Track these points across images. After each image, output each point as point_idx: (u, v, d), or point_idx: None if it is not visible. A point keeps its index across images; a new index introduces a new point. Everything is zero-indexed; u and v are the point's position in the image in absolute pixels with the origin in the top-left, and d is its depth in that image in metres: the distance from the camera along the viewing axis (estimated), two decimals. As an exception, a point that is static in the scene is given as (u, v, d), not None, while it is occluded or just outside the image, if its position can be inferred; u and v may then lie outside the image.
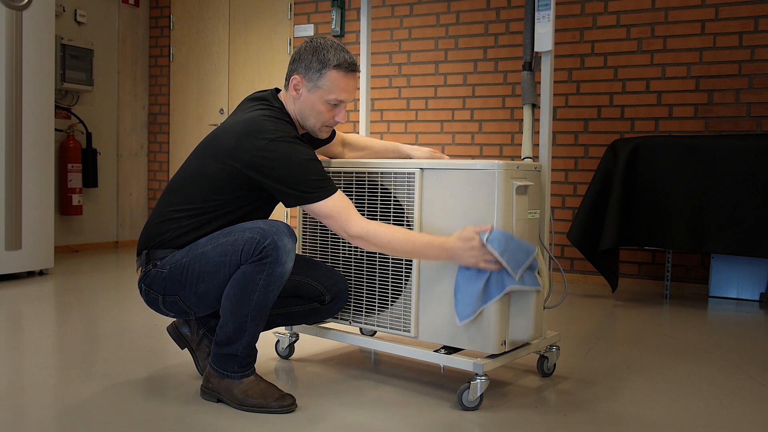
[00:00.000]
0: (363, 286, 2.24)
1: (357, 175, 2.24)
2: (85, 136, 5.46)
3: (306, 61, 2.04)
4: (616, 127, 4.33)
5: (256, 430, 1.82)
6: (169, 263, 1.99)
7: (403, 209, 2.15)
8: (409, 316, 2.13)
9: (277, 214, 5.44)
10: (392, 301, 2.18)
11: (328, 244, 2.34)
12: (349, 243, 2.25)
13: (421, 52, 4.91)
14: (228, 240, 1.92)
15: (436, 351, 2.10)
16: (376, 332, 2.73)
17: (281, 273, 1.89)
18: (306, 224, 2.41)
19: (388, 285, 2.18)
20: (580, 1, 4.41)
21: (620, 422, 1.94)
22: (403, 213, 2.14)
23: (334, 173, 2.30)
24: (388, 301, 2.19)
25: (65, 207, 5.26)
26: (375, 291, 2.21)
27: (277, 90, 2.16)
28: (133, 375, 2.28)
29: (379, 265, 2.20)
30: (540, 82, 2.33)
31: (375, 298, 2.22)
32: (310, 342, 2.75)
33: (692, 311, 3.58)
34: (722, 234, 3.48)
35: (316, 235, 2.38)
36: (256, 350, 2.00)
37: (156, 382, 2.21)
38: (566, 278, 4.12)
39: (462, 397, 2.00)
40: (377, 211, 2.20)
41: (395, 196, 2.16)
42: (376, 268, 2.21)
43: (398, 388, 2.20)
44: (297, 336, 2.51)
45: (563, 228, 4.46)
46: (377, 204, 2.20)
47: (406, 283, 2.14)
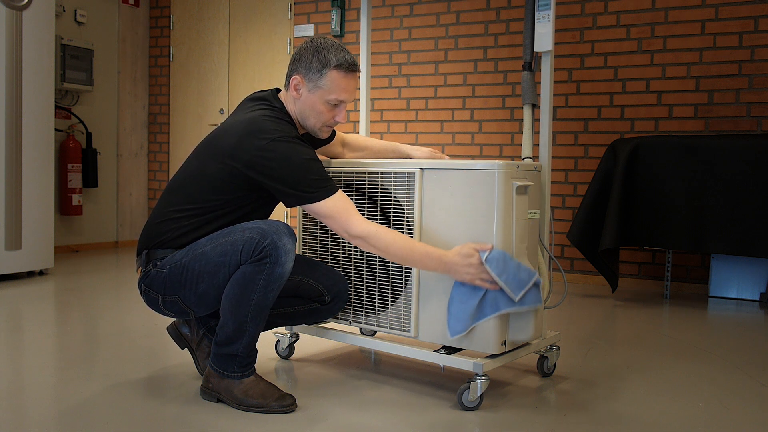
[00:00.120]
0: (363, 286, 2.24)
1: (357, 175, 2.24)
2: (85, 136, 5.46)
3: (306, 61, 2.04)
4: (616, 127, 4.33)
5: (256, 430, 1.82)
6: (169, 263, 1.99)
7: (403, 209, 2.15)
8: (409, 316, 2.13)
9: (277, 214, 5.44)
10: (392, 301, 2.18)
11: (328, 244, 2.34)
12: (349, 243, 2.25)
13: (421, 52, 4.91)
14: (228, 240, 1.92)
15: (436, 351, 2.10)
16: (376, 332, 2.73)
17: (281, 273, 1.90)
18: (306, 224, 2.41)
19: (388, 285, 2.18)
20: (580, 1, 4.41)
21: (620, 422, 1.94)
22: (403, 213, 2.14)
23: (334, 173, 2.30)
24: (388, 301, 2.19)
25: (65, 207, 5.26)
26: (375, 291, 2.21)
27: (278, 90, 2.16)
28: (133, 375, 2.28)
29: (379, 265, 2.20)
30: (540, 82, 2.33)
31: (375, 298, 2.22)
32: (310, 342, 2.75)
33: (692, 311, 3.58)
34: (722, 234, 3.48)
35: (316, 235, 2.38)
36: (256, 350, 2.00)
37: (156, 382, 2.21)
38: (566, 278, 4.12)
39: (462, 397, 2.00)
40: (377, 211, 2.20)
41: (395, 196, 2.16)
42: (376, 268, 2.21)
43: (398, 388, 2.20)
44: (297, 336, 2.51)
45: (563, 228, 4.46)
46: (377, 204, 2.20)
47: (406, 283, 2.14)
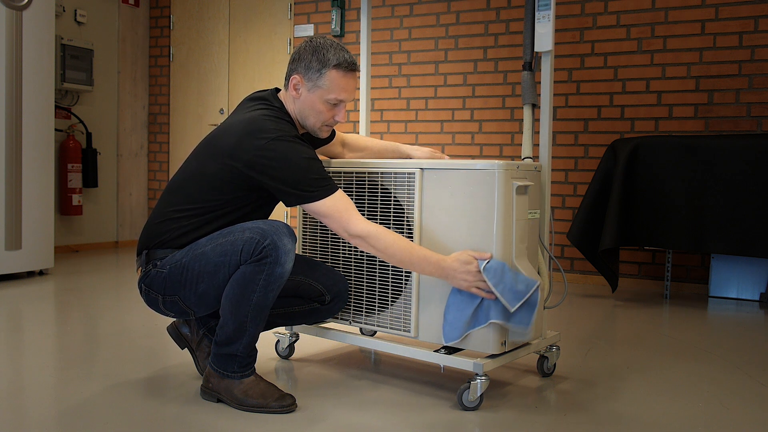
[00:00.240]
0: (363, 286, 2.24)
1: (357, 175, 2.24)
2: (85, 136, 5.46)
3: (306, 60, 2.04)
4: (616, 127, 4.33)
5: (256, 430, 1.82)
6: (169, 263, 1.99)
7: (403, 209, 2.15)
8: (409, 316, 2.13)
9: (277, 214, 5.44)
10: (392, 301, 2.18)
11: (328, 244, 2.34)
12: (349, 243, 2.25)
13: (421, 52, 4.91)
14: (228, 240, 1.92)
15: (436, 351, 2.10)
16: (376, 332, 2.73)
17: (281, 273, 1.89)
18: (306, 224, 2.41)
19: (388, 285, 2.18)
20: (580, 1, 4.41)
21: (620, 422, 1.94)
22: (403, 213, 2.14)
23: (334, 173, 2.30)
24: (388, 301, 2.19)
25: (65, 207, 5.26)
26: (375, 291, 2.21)
27: (277, 90, 2.16)
28: (133, 375, 2.28)
29: (380, 265, 2.20)
30: (540, 82, 2.33)
31: (375, 298, 2.22)
32: (310, 342, 2.75)
33: (692, 311, 3.58)
34: (722, 234, 3.48)
35: (316, 235, 2.37)
36: (256, 350, 2.00)
37: (156, 382, 2.21)
38: (566, 278, 4.12)
39: (462, 397, 2.00)
40: (377, 211, 2.20)
41: (395, 196, 2.16)
42: (376, 268, 2.21)
43: (398, 388, 2.20)
44: (297, 336, 2.51)
45: (563, 228, 4.46)
46: (377, 204, 2.20)
47: (406, 283, 2.14)
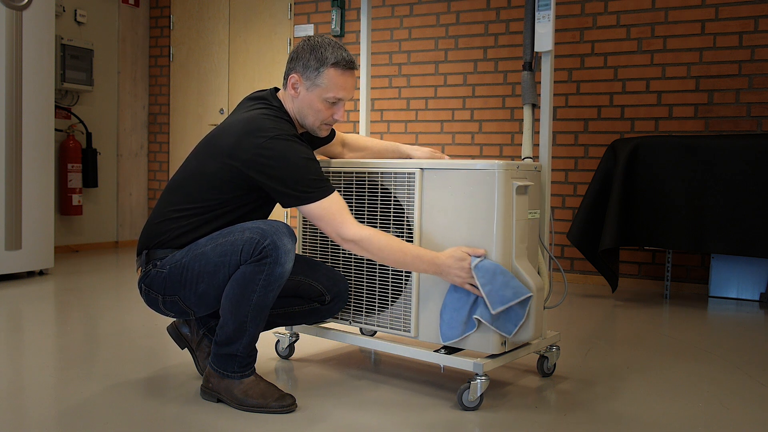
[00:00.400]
0: (363, 286, 2.24)
1: (357, 175, 2.24)
2: (85, 136, 5.46)
3: (304, 59, 2.04)
4: (616, 127, 4.33)
5: (256, 430, 1.82)
6: (169, 263, 1.99)
7: (403, 209, 2.15)
8: (409, 316, 2.13)
9: (277, 214, 5.44)
10: (392, 301, 2.18)
11: (328, 244, 2.34)
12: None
13: (421, 52, 4.91)
14: (227, 240, 1.92)
15: (436, 351, 2.10)
16: (376, 332, 2.73)
17: (281, 273, 1.89)
18: (306, 224, 2.41)
19: (388, 285, 2.18)
20: (580, 1, 4.41)
21: (620, 422, 1.94)
22: (403, 213, 2.14)
23: (334, 173, 2.30)
24: (388, 301, 2.19)
25: (65, 207, 5.26)
26: (375, 291, 2.21)
27: (277, 89, 2.16)
28: (133, 375, 2.28)
29: (380, 265, 2.20)
30: (540, 82, 2.33)
31: (375, 298, 2.22)
32: (310, 342, 2.75)
33: (692, 311, 3.58)
34: (722, 234, 3.48)
35: (316, 235, 2.37)
36: (256, 350, 2.00)
37: (156, 382, 2.21)
38: (566, 278, 4.12)
39: (462, 397, 2.00)
40: (377, 211, 2.20)
41: (395, 196, 2.16)
42: (376, 268, 2.21)
43: (398, 388, 2.20)
44: (297, 336, 2.51)
45: (563, 228, 4.46)
46: (377, 204, 2.20)
47: (406, 283, 2.14)
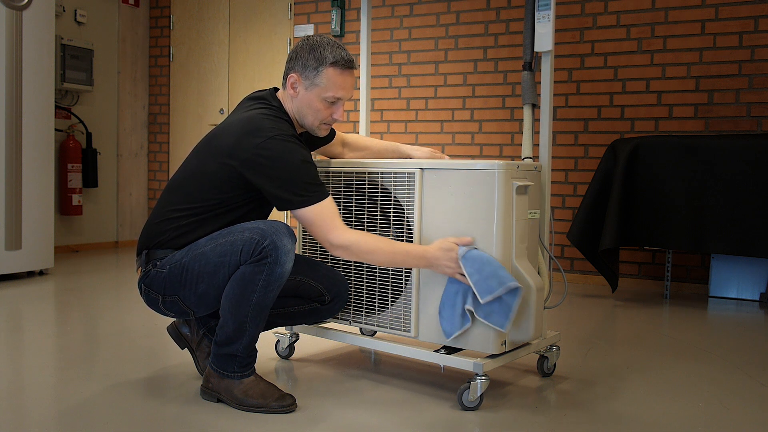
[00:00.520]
0: (363, 286, 2.24)
1: (357, 175, 2.24)
2: (85, 136, 5.46)
3: (303, 59, 2.04)
4: (616, 127, 4.33)
5: (256, 430, 1.82)
6: (169, 263, 1.99)
7: (403, 209, 2.15)
8: (409, 316, 2.13)
9: (276, 214, 5.44)
10: (392, 301, 2.18)
11: (328, 244, 2.33)
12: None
13: (421, 52, 4.91)
14: (227, 240, 1.92)
15: (436, 351, 2.10)
16: (376, 332, 2.73)
17: (281, 273, 1.89)
18: (306, 224, 2.40)
19: (388, 285, 2.18)
20: (580, 1, 4.41)
21: (620, 422, 1.94)
22: (403, 213, 2.14)
23: (334, 173, 2.30)
24: (388, 301, 2.19)
25: (65, 207, 5.26)
26: (375, 291, 2.21)
27: (276, 89, 2.16)
28: (133, 375, 2.28)
29: (379, 265, 2.20)
30: (540, 82, 2.33)
31: (375, 298, 2.22)
32: (310, 342, 2.75)
33: (692, 311, 3.58)
34: (722, 234, 3.48)
35: (316, 235, 2.37)
36: (256, 350, 2.00)
37: (156, 382, 2.21)
38: (566, 278, 4.12)
39: (462, 397, 2.00)
40: (377, 211, 2.20)
41: (395, 196, 2.16)
42: (376, 268, 2.21)
43: (398, 388, 2.20)
44: (297, 336, 2.51)
45: (563, 228, 4.46)
46: (377, 204, 2.20)
47: (406, 283, 2.14)
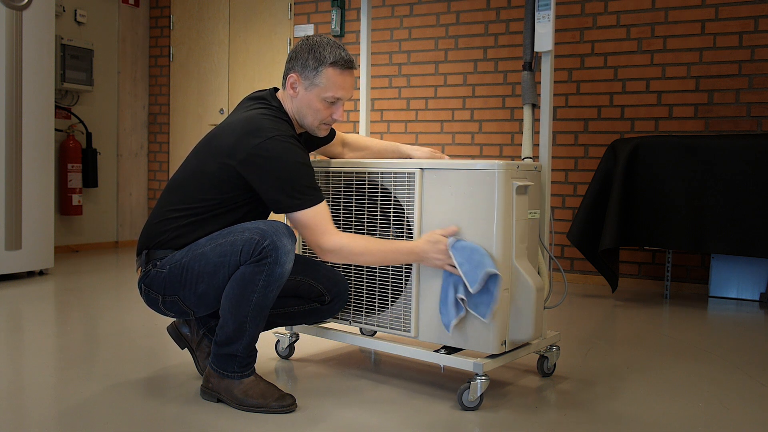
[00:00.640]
0: (363, 286, 2.24)
1: (357, 175, 2.24)
2: (85, 136, 5.46)
3: (302, 59, 2.04)
4: (616, 127, 4.33)
5: (256, 430, 1.82)
6: (169, 263, 1.99)
7: (403, 209, 2.15)
8: (409, 316, 2.13)
9: (276, 214, 5.43)
10: (392, 301, 2.18)
11: (328, 244, 2.33)
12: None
13: (421, 52, 4.91)
14: (227, 240, 1.92)
15: (436, 351, 2.10)
16: (376, 332, 2.73)
17: (281, 273, 1.89)
18: (306, 224, 2.40)
19: (388, 285, 2.18)
20: (580, 1, 4.41)
21: (620, 422, 1.94)
22: (403, 213, 2.14)
23: (334, 173, 2.30)
24: (388, 301, 2.19)
25: (65, 207, 5.26)
26: (375, 291, 2.21)
27: (276, 89, 2.16)
28: (133, 375, 2.28)
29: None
30: (540, 82, 2.33)
31: (375, 298, 2.22)
32: (310, 342, 2.75)
33: (692, 311, 3.58)
34: (722, 234, 3.48)
35: (316, 235, 2.37)
36: (256, 350, 2.00)
37: (156, 382, 2.21)
38: (566, 278, 4.12)
39: (462, 397, 2.00)
40: (377, 211, 2.20)
41: (395, 196, 2.16)
42: (376, 268, 2.21)
43: (398, 388, 2.20)
44: (297, 336, 2.51)
45: (563, 228, 4.46)
46: (377, 204, 2.20)
47: (406, 283, 2.14)
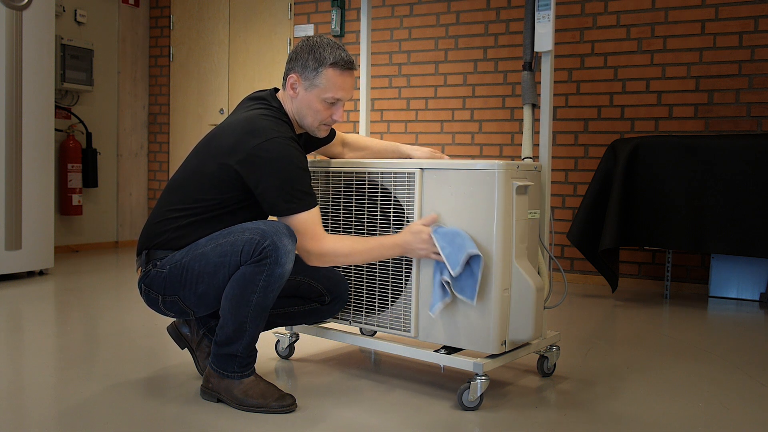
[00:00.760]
0: (363, 286, 2.24)
1: (357, 175, 2.24)
2: (85, 136, 5.46)
3: (302, 59, 2.04)
4: (616, 127, 4.33)
5: (256, 430, 1.82)
6: (169, 263, 1.99)
7: (403, 209, 2.15)
8: (409, 316, 2.13)
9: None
10: (392, 301, 2.18)
11: (328, 244, 2.33)
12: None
13: (421, 52, 4.91)
14: (227, 240, 1.92)
15: (436, 351, 2.10)
16: (376, 332, 2.73)
17: (281, 274, 1.89)
18: (306, 224, 2.40)
19: (388, 285, 2.18)
20: (580, 1, 4.41)
21: (620, 422, 1.94)
22: (403, 213, 2.14)
23: (334, 173, 2.30)
24: (388, 301, 2.19)
25: (65, 207, 5.26)
26: (375, 291, 2.21)
27: (276, 89, 2.16)
28: (133, 375, 2.28)
29: (379, 265, 2.20)
30: (540, 82, 2.33)
31: (375, 298, 2.22)
32: (310, 342, 2.75)
33: (692, 311, 3.58)
34: (722, 234, 3.48)
35: (316, 235, 2.37)
36: (256, 350, 2.00)
37: (156, 382, 2.21)
38: (566, 278, 4.12)
39: (462, 397, 2.00)
40: (377, 211, 2.20)
41: (395, 196, 2.16)
42: (376, 268, 2.21)
43: (398, 388, 2.20)
44: (297, 336, 2.51)
45: (563, 228, 4.46)
46: (377, 204, 2.20)
47: (406, 283, 2.14)
